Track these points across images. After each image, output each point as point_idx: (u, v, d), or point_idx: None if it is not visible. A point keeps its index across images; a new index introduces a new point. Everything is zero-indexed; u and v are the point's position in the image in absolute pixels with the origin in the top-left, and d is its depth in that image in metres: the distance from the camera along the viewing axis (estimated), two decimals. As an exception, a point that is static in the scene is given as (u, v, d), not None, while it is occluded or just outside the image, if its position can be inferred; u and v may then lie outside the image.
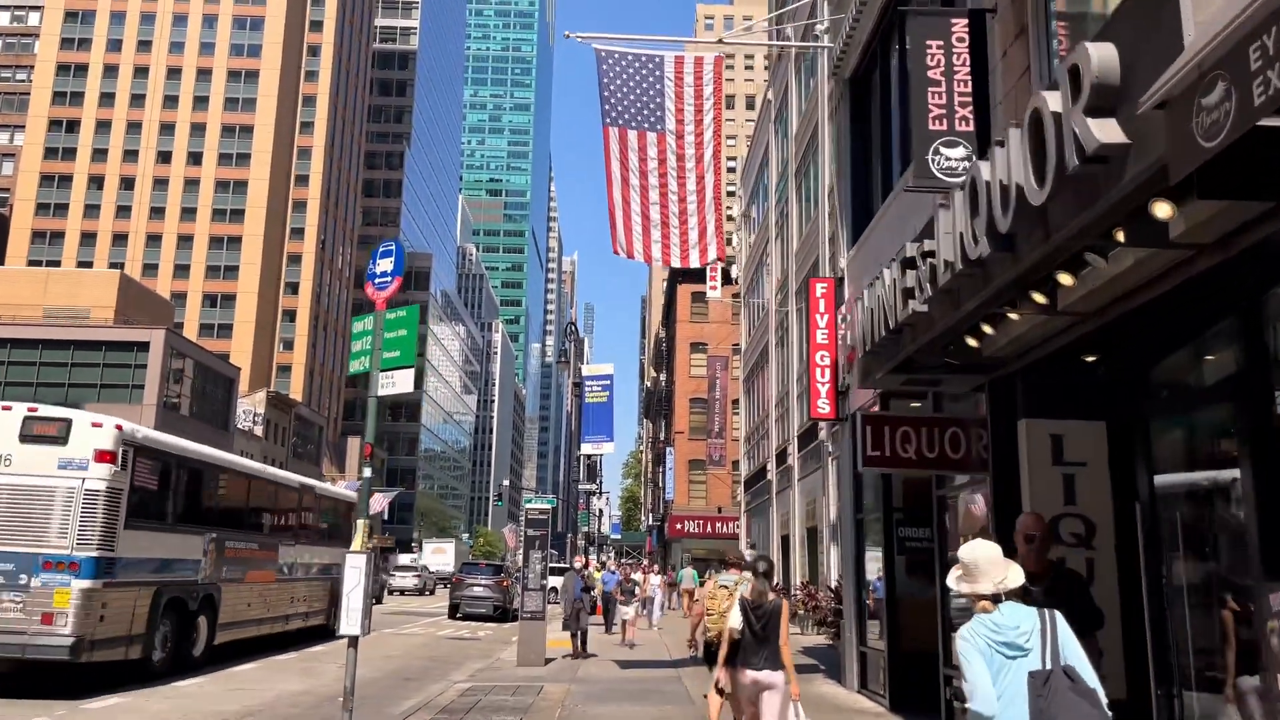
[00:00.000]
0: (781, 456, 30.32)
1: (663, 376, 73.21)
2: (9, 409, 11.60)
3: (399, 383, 7.57)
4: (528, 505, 15.72)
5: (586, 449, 25.42)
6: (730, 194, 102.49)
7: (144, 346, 54.89)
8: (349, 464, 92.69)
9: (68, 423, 11.58)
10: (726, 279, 52.58)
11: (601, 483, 58.26)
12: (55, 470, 11.23)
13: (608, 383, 26.17)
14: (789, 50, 29.57)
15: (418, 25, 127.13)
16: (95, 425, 11.64)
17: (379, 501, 76.36)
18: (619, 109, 12.86)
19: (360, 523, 7.25)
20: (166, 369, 55.41)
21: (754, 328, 38.59)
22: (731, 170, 57.37)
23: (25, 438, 11.36)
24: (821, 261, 23.97)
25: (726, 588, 10.44)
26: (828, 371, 12.92)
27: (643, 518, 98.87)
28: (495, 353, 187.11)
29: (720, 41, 13.07)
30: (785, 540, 28.83)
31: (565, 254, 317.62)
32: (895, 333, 7.02)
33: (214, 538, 14.40)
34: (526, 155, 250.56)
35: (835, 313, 12.98)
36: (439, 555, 70.39)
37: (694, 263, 12.85)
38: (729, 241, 57.38)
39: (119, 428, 11.77)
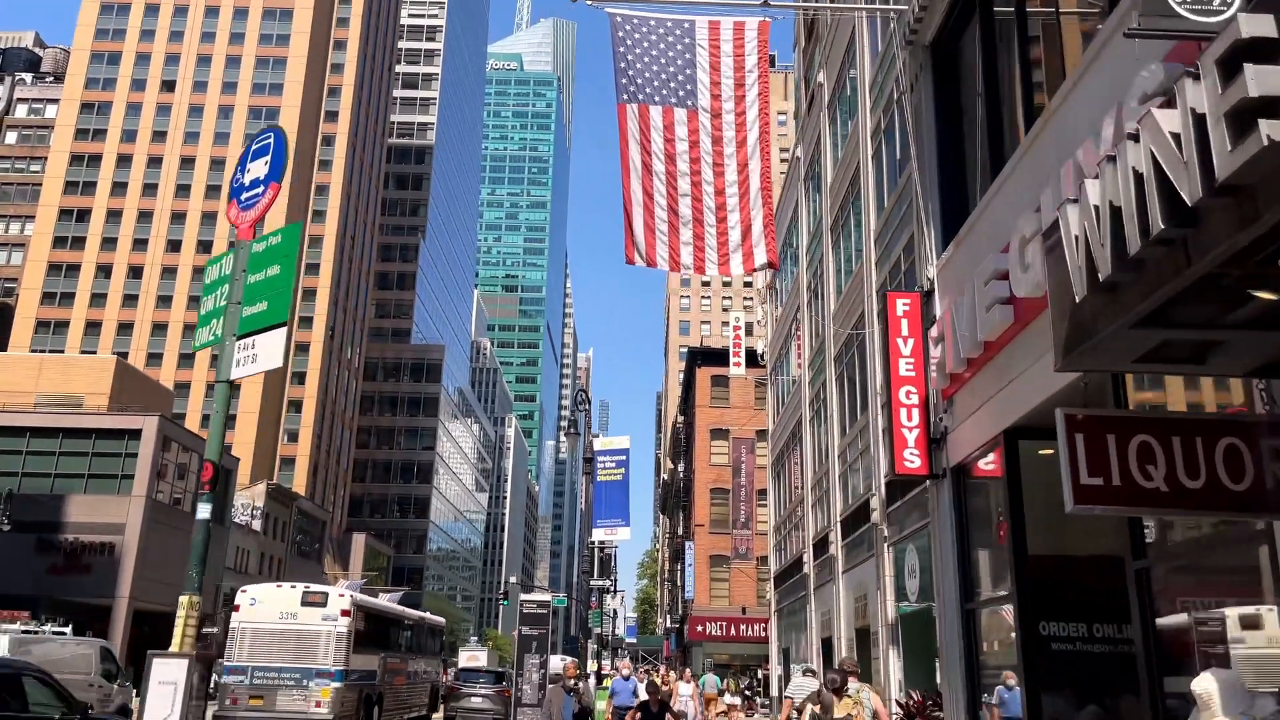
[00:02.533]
0: (821, 546, 26.77)
1: (680, 467, 69.62)
2: (294, 588, 19.68)
3: (262, 355, 4.59)
4: (524, 599, 12.46)
5: (599, 535, 22.00)
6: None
7: (136, 434, 52.08)
8: (353, 562, 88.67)
9: (326, 594, 19.40)
10: (751, 361, 49.65)
11: (616, 580, 54.31)
12: (320, 621, 18.68)
13: (623, 458, 22.92)
14: (820, 97, 27.21)
15: (435, 121, 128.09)
16: (340, 595, 19.53)
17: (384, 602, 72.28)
18: (639, 81, 10.07)
19: (182, 600, 4.17)
20: (158, 459, 52.44)
21: (783, 407, 35.42)
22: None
23: (304, 603, 19.01)
24: (868, 313, 20.96)
25: (850, 697, 9.66)
26: (915, 413, 9.78)
27: (660, 620, 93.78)
28: (508, 448, 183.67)
29: (766, 4, 10.30)
30: (827, 644, 25.07)
31: (580, 350, 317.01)
32: (1135, 263, 3.86)
33: (383, 657, 21.47)
34: (543, 251, 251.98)
35: (923, 336, 9.92)
36: (473, 664, 65.91)
37: (736, 269, 9.86)
38: (747, 330, 54.62)
39: (352, 598, 19.80)
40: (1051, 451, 7.45)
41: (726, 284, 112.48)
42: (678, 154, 9.93)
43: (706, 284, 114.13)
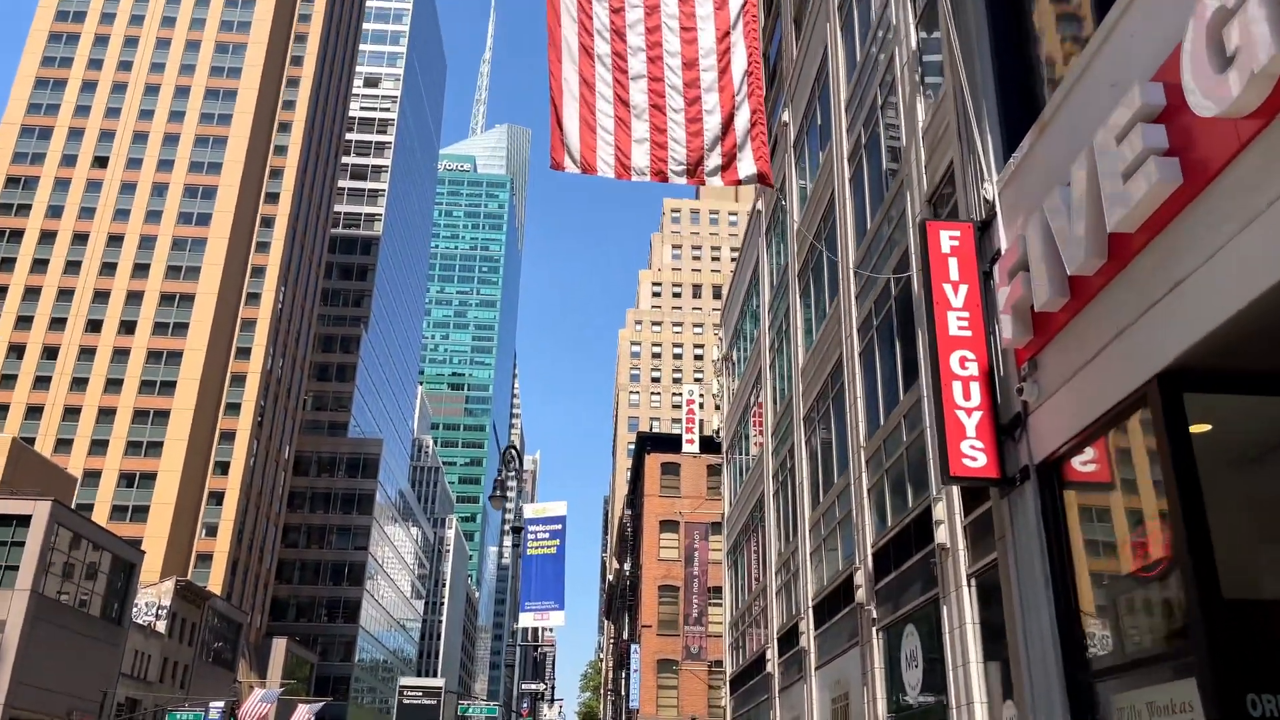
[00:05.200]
0: (788, 639, 23.16)
1: (627, 565, 65.36)
2: None
3: None
4: (404, 684, 8.80)
5: (527, 619, 18.21)
6: (699, 371, 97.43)
7: (25, 521, 46.90)
8: (272, 670, 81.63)
9: None
10: (705, 447, 46.47)
11: (554, 688, 49.48)
12: None
13: (559, 528, 19.30)
14: (785, 138, 24.87)
15: (383, 213, 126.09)
16: None
17: (302, 717, 65.54)
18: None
19: None
20: (48, 549, 47.18)
21: (740, 488, 32.12)
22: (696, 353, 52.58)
23: None
24: (846, 356, 18.01)
25: None
26: (975, 389, 6.67)
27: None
28: (448, 550, 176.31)
29: None
30: (797, 755, 21.26)
31: (528, 452, 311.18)
32: None
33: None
34: (491, 350, 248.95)
35: (981, 281, 6.88)
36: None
37: (713, 178, 6.84)
38: (705, 410, 51.57)
39: None
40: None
41: (676, 376, 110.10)
42: (628, 25, 6.98)
43: (656, 378, 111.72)
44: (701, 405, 47.75)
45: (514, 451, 19.49)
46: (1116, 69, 5.31)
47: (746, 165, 6.81)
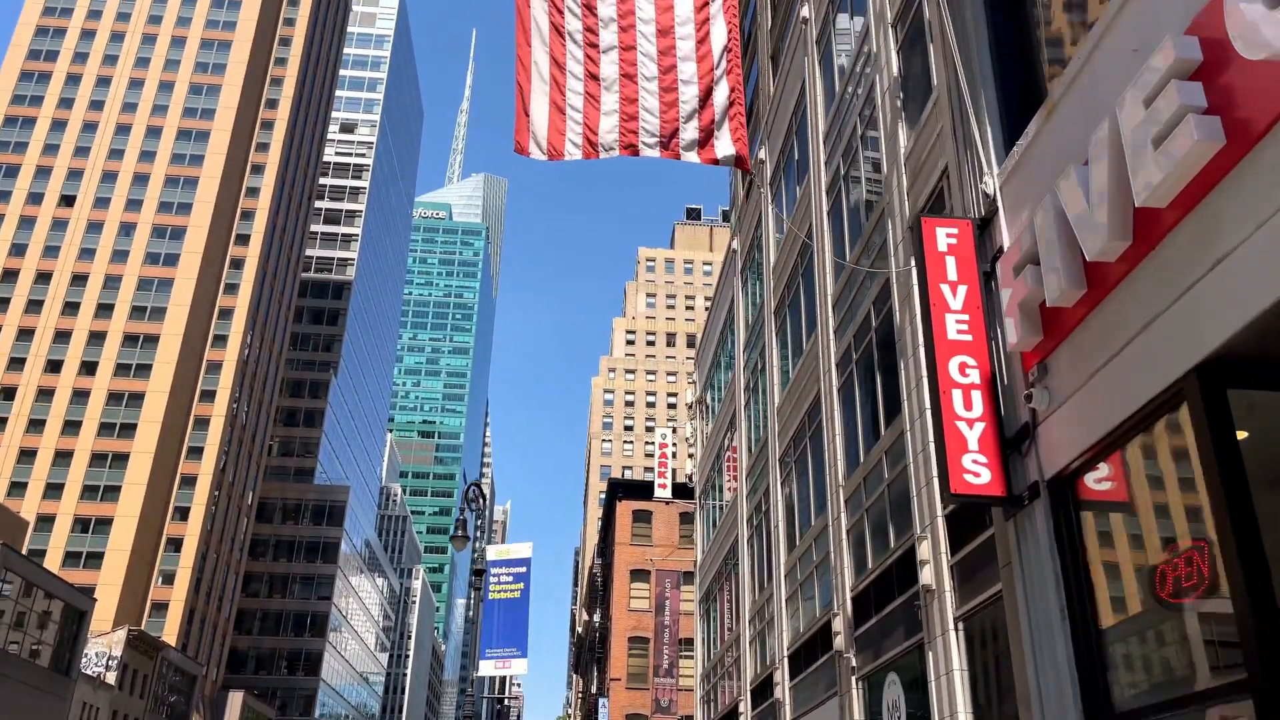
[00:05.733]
0: (762, 690, 22.22)
1: (596, 616, 63.88)
2: None
3: None
4: None
5: (487, 669, 17.19)
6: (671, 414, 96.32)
7: (-31, 565, 45.06)
8: (227, 724, 78.70)
9: None
10: (678, 495, 45.65)
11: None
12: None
13: (523, 571, 18.37)
14: (762, 174, 24.53)
15: (355, 258, 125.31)
16: None
17: None
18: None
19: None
20: (-8, 594, 45.28)
21: (714, 534, 31.28)
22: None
23: None
24: (824, 392, 17.42)
25: None
26: (977, 399, 6.02)
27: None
28: (414, 602, 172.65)
29: None
30: (771, 814, 20.21)
31: (498, 503, 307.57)
32: None
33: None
34: (463, 398, 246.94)
35: (981, 281, 6.27)
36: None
37: (688, 152, 6.23)
38: (678, 457, 50.80)
39: None
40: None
41: (649, 424, 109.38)
42: (599, 1, 6.37)
43: (629, 426, 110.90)
44: (674, 451, 46.95)
45: (477, 489, 18.63)
46: (1140, 32, 4.78)
47: (724, 145, 6.23)
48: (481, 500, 18.73)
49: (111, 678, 59.84)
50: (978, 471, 5.83)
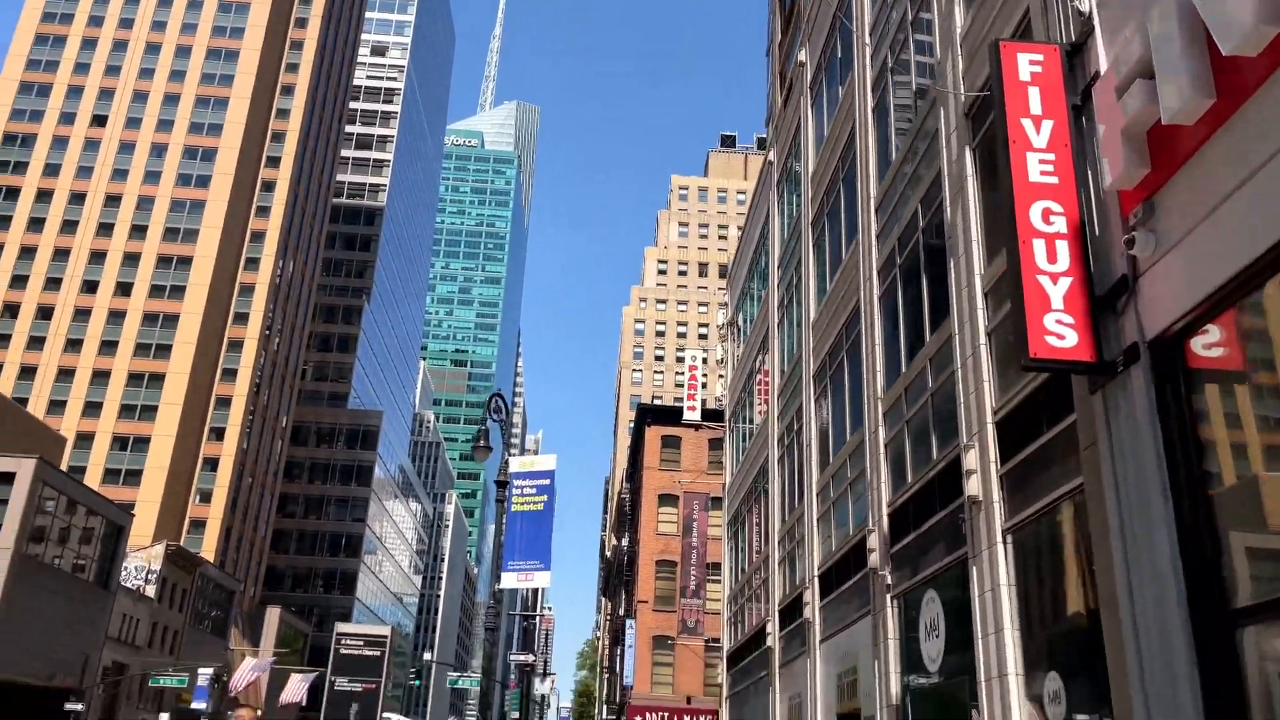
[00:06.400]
0: (790, 611, 21.76)
1: (625, 541, 64.11)
2: None
3: None
4: (341, 630, 7.43)
5: (509, 581, 16.80)
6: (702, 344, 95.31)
7: (8, 479, 45.57)
8: (265, 638, 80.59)
9: None
10: (707, 418, 45.08)
11: (548, 663, 48.17)
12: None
13: (546, 483, 17.83)
14: (801, 78, 23.26)
15: (387, 184, 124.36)
16: None
17: (295, 687, 64.03)
18: None
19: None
20: (33, 508, 45.87)
21: (743, 457, 30.69)
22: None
23: None
24: (863, 301, 16.51)
25: None
26: (1062, 250, 5.16)
27: (597, 713, 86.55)
28: (447, 526, 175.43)
29: None
30: (797, 734, 19.88)
31: (530, 432, 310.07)
32: None
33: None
34: (495, 328, 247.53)
35: (1069, 113, 5.35)
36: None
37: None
38: (703, 386, 50.17)
39: None
40: None
41: (680, 355, 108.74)
42: None
43: (660, 356, 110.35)
44: (705, 383, 46.23)
45: (500, 399, 18.04)
46: None
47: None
48: (505, 411, 18.14)
49: (151, 591, 61.13)
50: (1062, 333, 4.98)
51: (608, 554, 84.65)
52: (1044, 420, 9.78)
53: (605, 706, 68.55)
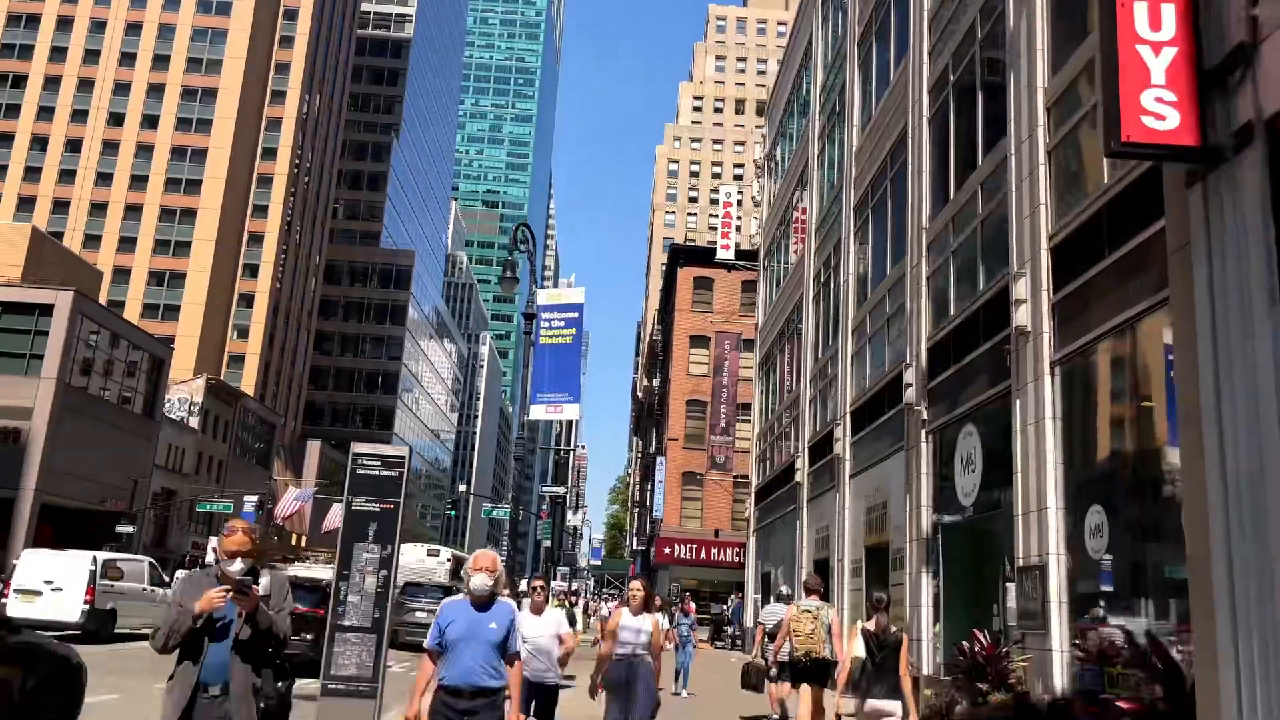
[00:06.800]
0: (821, 448, 21.66)
1: (655, 383, 64.60)
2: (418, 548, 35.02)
3: None
4: (358, 451, 7.26)
5: (538, 413, 16.65)
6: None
7: (47, 311, 46.09)
8: (307, 470, 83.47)
9: (439, 550, 33.83)
10: (740, 258, 44.25)
11: (580, 496, 49.31)
12: (434, 564, 32.28)
13: (575, 316, 17.42)
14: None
15: (414, 14, 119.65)
16: (442, 549, 34.56)
17: (337, 516, 63.69)
18: None
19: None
20: (73, 339, 46.50)
21: (776, 296, 30.09)
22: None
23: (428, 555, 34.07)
24: (912, 124, 15.48)
25: (809, 612, 10.14)
26: (1169, 14, 4.39)
27: (627, 544, 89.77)
28: (482, 366, 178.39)
29: None
30: (822, 566, 20.11)
31: (562, 275, 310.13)
32: None
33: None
34: (526, 168, 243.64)
35: None
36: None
37: None
38: (736, 230, 49.03)
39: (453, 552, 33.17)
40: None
41: (714, 197, 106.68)
42: None
43: (694, 198, 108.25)
44: (739, 223, 45.12)
45: (526, 229, 17.43)
46: None
47: None
48: (531, 241, 17.57)
49: (195, 422, 62.96)
50: (1161, 113, 4.29)
51: (639, 395, 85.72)
52: (1105, 245, 9.07)
53: (635, 538, 70.91)
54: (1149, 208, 8.36)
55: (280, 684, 4.40)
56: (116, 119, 77.00)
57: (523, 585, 8.37)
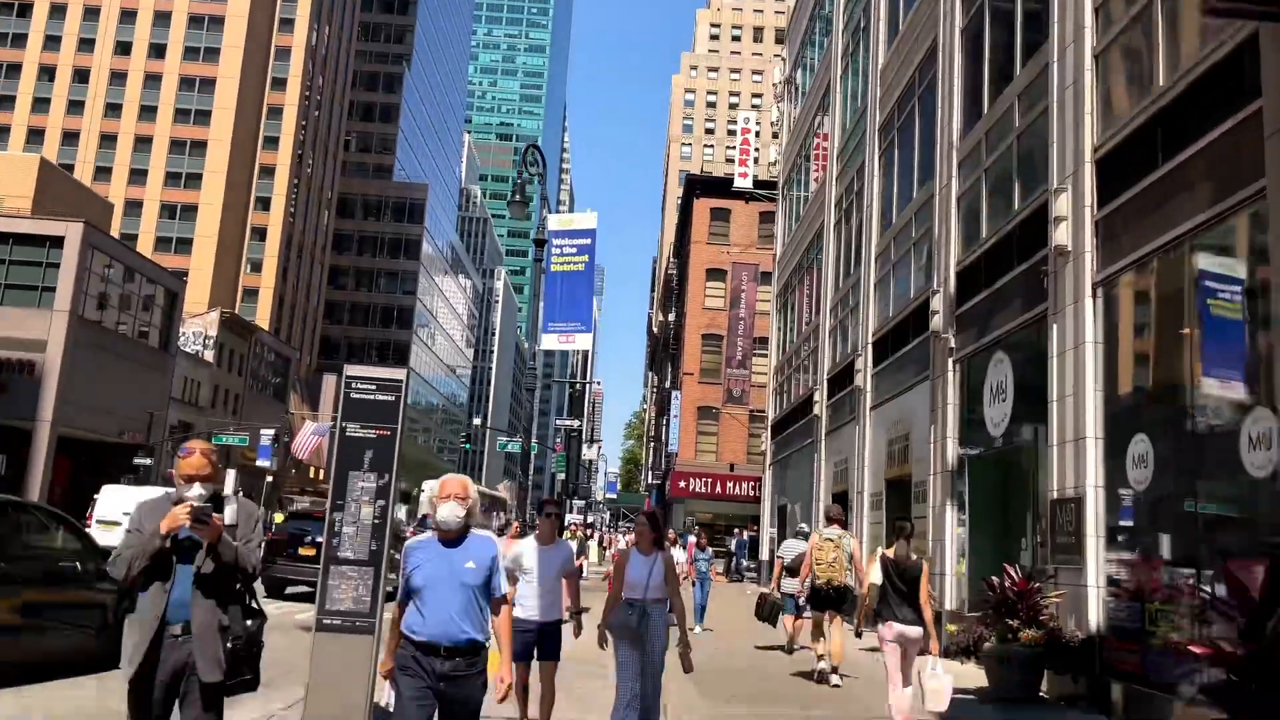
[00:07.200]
0: (840, 379, 21.12)
1: (671, 317, 63.98)
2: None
3: None
4: (351, 373, 6.82)
5: (549, 342, 16.14)
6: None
7: (58, 242, 45.69)
8: (323, 404, 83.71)
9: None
10: (759, 187, 43.24)
11: (594, 429, 49.24)
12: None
13: (587, 243, 16.76)
14: None
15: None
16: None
17: (306, 436, 56.06)
18: None
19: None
20: (84, 271, 46.15)
21: (797, 225, 29.28)
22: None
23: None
24: (944, 37, 14.60)
25: (832, 540, 10.36)
26: None
27: (642, 479, 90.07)
28: (497, 301, 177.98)
29: None
30: (841, 500, 19.70)
31: (577, 209, 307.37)
32: None
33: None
34: (540, 100, 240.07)
35: None
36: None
37: None
38: (754, 161, 47.90)
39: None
40: None
41: (732, 128, 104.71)
42: None
43: (711, 129, 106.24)
44: (758, 144, 43.97)
45: (537, 150, 16.72)
46: None
47: None
48: (541, 163, 16.86)
49: (210, 356, 62.92)
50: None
51: (654, 330, 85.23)
52: (1159, 154, 8.36)
53: (650, 473, 71.03)
54: (1212, 111, 7.64)
55: (250, 622, 3.93)
56: (124, 48, 75.73)
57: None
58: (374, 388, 7.14)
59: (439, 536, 4.27)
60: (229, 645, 3.80)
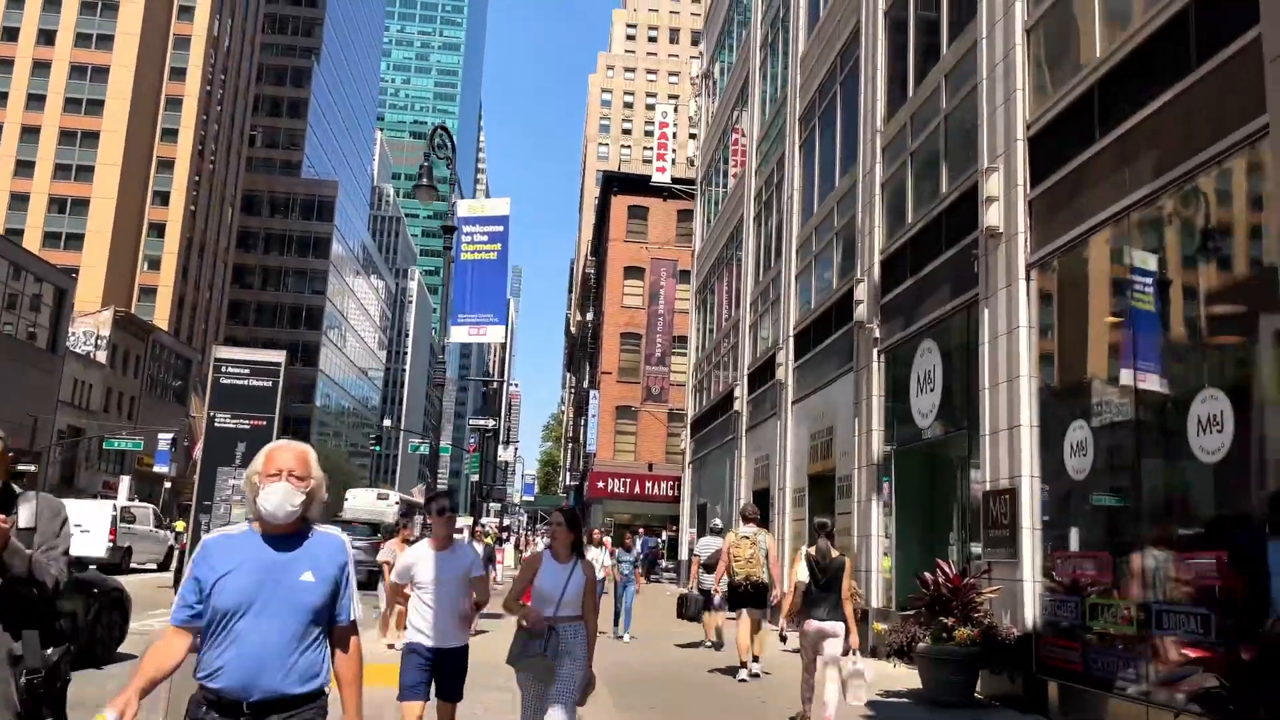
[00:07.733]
0: (761, 374, 20.71)
1: (589, 317, 63.22)
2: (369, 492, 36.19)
3: None
4: (221, 355, 5.88)
5: (459, 335, 15.26)
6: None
7: (-67, 238, 42.80)
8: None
9: (388, 493, 34.71)
10: (678, 183, 42.86)
11: (510, 431, 48.08)
12: (384, 507, 32.28)
13: (500, 230, 15.97)
14: None
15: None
16: (390, 492, 35.85)
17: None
18: None
19: None
20: (-39, 265, 43.36)
21: (715, 220, 28.87)
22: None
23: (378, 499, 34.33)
24: (867, 18, 14.25)
25: (748, 538, 10.53)
26: None
27: (561, 480, 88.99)
28: (410, 301, 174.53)
29: None
30: (762, 497, 19.27)
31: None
32: None
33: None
34: (455, 98, 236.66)
35: None
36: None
37: None
38: (673, 159, 47.56)
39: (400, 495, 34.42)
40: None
41: (649, 129, 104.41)
42: None
43: (628, 130, 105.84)
44: (675, 138, 43.57)
45: (445, 132, 15.84)
46: None
47: None
48: (450, 147, 15.99)
49: (102, 357, 59.82)
50: None
51: (573, 330, 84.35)
52: (1095, 127, 8.02)
53: (569, 474, 70.09)
54: (1152, 82, 7.31)
55: (51, 651, 3.09)
56: (10, 34, 71.60)
57: (461, 523, 6.51)
58: (247, 372, 6.30)
59: (262, 532, 2.88)
60: (22, 681, 2.97)
